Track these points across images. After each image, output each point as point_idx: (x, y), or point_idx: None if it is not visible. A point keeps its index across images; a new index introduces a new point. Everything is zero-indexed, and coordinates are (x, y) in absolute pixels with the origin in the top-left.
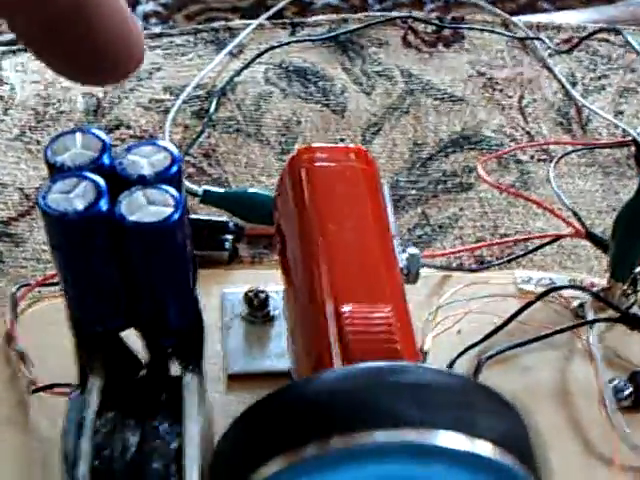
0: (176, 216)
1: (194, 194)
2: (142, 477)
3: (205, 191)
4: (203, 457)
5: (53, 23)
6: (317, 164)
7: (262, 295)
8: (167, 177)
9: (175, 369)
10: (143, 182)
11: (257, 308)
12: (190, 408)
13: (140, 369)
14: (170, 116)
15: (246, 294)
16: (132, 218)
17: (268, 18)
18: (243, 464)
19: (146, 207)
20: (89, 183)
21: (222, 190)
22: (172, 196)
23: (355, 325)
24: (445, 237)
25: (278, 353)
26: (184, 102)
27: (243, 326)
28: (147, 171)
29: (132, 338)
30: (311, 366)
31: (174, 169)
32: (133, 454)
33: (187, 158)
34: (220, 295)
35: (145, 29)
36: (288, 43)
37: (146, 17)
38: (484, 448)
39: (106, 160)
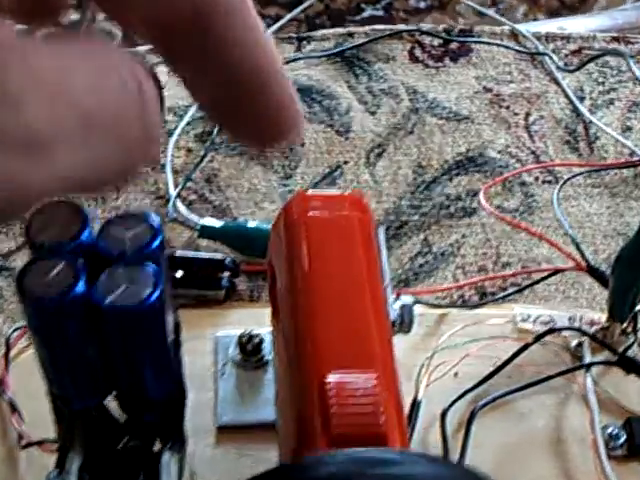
0: (155, 296)
1: (192, 228)
2: None
3: (202, 226)
4: None
5: (238, 83)
6: (311, 213)
7: (256, 339)
8: (148, 252)
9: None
10: (124, 259)
11: (250, 353)
12: None
13: (123, 436)
14: (173, 139)
15: (240, 338)
16: (109, 300)
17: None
18: None
19: (124, 287)
20: (67, 265)
21: (219, 224)
22: (152, 274)
23: (339, 397)
24: (447, 266)
25: (270, 401)
26: (187, 124)
27: (235, 372)
28: (128, 247)
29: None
30: (294, 438)
31: (155, 244)
32: None
33: (189, 184)
34: (214, 339)
35: None
36: (294, 60)
37: None
38: None
39: (86, 236)
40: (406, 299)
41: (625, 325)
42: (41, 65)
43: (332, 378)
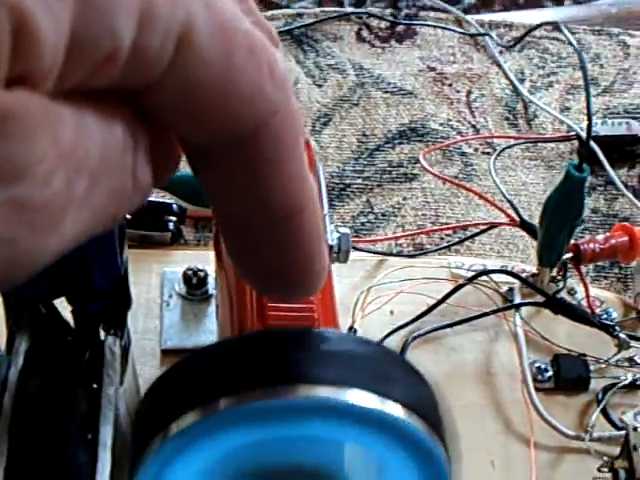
0: None
1: None
2: (59, 436)
3: None
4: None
5: (265, 226)
6: None
7: (201, 274)
8: None
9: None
10: None
11: (195, 286)
12: (109, 370)
13: (70, 334)
14: None
15: (185, 272)
16: None
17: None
18: (162, 417)
19: None
20: None
21: None
22: None
23: None
24: (387, 225)
25: (213, 330)
26: None
27: (180, 304)
28: None
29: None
30: (233, 334)
31: None
32: (52, 414)
33: None
34: (161, 274)
35: None
36: None
37: None
38: (394, 409)
39: None
40: (344, 230)
41: (554, 274)
42: (66, 135)
43: None
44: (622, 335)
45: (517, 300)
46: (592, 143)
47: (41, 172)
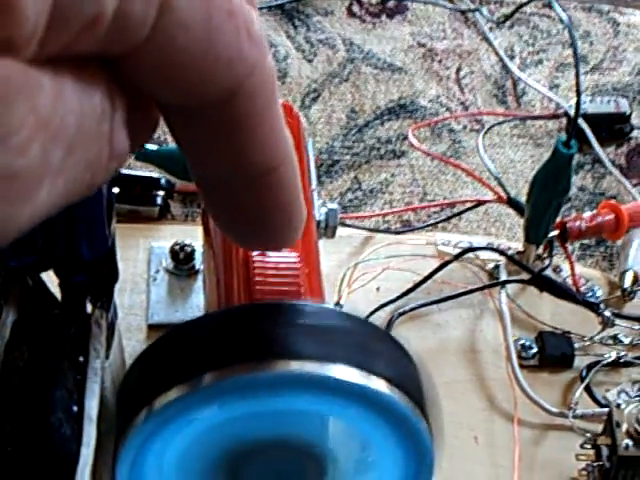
0: None
1: None
2: (46, 403)
3: None
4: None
5: (245, 182)
6: None
7: (188, 249)
8: None
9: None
10: None
11: (182, 262)
12: (96, 343)
13: (57, 307)
14: None
15: (172, 248)
16: None
17: None
18: (146, 392)
19: None
20: None
21: (156, 147)
22: None
23: (262, 268)
24: (375, 201)
25: (200, 305)
26: None
27: (167, 279)
28: None
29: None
30: (218, 306)
31: None
32: (38, 386)
33: None
34: (148, 248)
35: None
36: None
37: None
38: (378, 384)
39: None
40: (332, 205)
41: (540, 251)
42: (44, 103)
43: (256, 252)
44: (607, 313)
45: (503, 277)
46: (580, 121)
47: (18, 141)
